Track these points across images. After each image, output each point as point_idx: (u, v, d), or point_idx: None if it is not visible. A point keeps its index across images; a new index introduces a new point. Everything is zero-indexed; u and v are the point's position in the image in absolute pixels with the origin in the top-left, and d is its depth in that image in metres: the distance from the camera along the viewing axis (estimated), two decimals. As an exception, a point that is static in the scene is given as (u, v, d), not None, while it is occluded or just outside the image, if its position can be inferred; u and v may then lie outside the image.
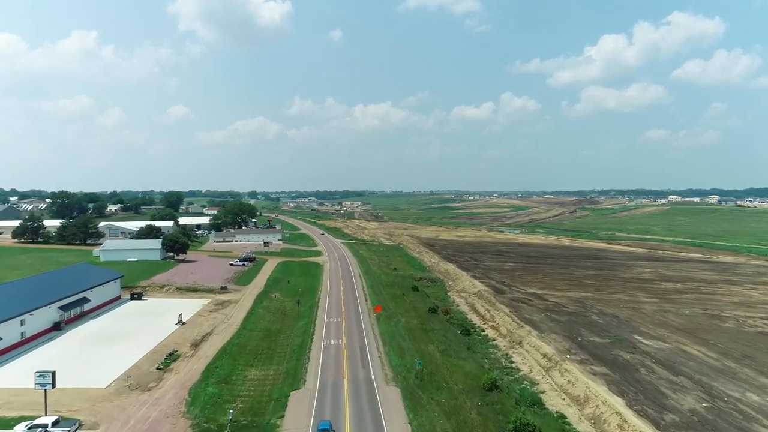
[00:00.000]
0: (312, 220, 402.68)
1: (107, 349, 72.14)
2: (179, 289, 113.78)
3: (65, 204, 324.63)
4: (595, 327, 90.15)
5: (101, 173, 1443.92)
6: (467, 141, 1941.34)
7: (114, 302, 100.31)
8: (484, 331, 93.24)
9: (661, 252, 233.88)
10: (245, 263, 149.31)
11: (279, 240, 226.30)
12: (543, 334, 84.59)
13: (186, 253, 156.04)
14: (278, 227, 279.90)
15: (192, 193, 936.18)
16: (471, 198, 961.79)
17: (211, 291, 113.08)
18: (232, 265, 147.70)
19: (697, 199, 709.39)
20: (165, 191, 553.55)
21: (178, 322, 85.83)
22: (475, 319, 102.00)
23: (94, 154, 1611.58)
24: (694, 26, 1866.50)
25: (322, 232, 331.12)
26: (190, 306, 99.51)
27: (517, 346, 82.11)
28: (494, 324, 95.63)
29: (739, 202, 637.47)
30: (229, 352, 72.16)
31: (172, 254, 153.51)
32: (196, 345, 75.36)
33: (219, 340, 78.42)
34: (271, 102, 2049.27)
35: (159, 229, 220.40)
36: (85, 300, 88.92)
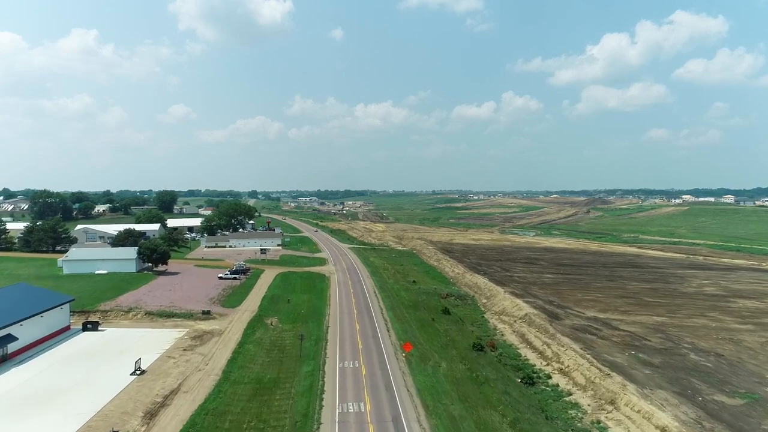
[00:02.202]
0: (314, 221, 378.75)
1: (14, 425, 48.13)
2: (149, 314, 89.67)
3: (48, 204, 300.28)
4: (707, 375, 66.10)
5: (103, 172, 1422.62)
6: (469, 140, 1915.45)
7: (57, 336, 76.33)
8: (550, 377, 69.25)
9: (701, 258, 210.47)
10: (237, 276, 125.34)
11: (278, 245, 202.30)
12: (644, 388, 60.50)
13: (167, 264, 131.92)
14: (278, 230, 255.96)
15: (191, 193, 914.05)
16: (476, 198, 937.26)
17: (189, 316, 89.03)
18: (221, 278, 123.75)
19: (712, 199, 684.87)
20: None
21: (135, 371, 61.85)
22: (531, 356, 78.15)
23: (95, 153, 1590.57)
24: (696, 25, 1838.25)
25: (315, 229, 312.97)
26: (159, 341, 75.51)
27: (609, 408, 58.10)
28: (562, 367, 71.60)
29: (757, 202, 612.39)
30: (199, 430, 48.22)
31: (150, 264, 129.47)
32: (151, 415, 51.32)
33: (188, 402, 54.45)
34: (272, 101, 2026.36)
35: (142, 233, 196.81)
36: (9, 338, 65.00)
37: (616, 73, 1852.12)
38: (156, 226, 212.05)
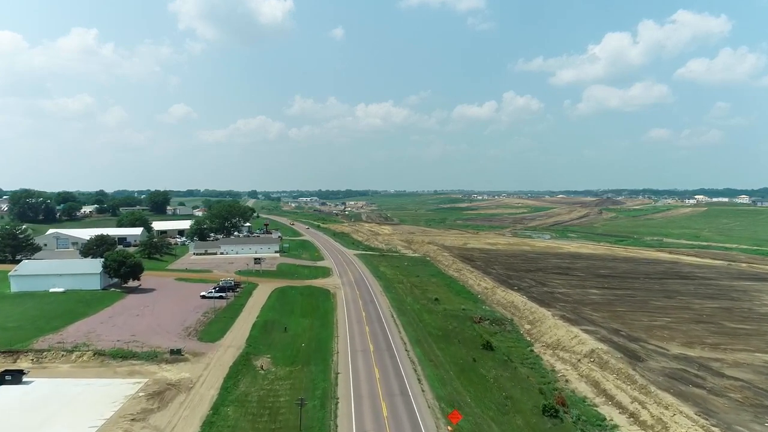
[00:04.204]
0: (316, 222, 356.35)
1: None
2: (100, 354, 67.64)
3: (29, 205, 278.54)
4: None
5: (103, 172, 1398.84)
6: (469, 140, 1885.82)
7: (-42, 396, 54.40)
8: (666, 464, 47.26)
9: (743, 265, 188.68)
10: (224, 294, 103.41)
11: (276, 251, 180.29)
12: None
13: (139, 279, 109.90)
14: (277, 234, 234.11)
15: (190, 193, 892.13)
16: (480, 198, 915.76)
17: (153, 357, 67.03)
18: (204, 297, 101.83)
19: (726, 200, 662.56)
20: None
21: (46, 469, 39.98)
22: (620, 420, 56.30)
23: (95, 153, 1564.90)
24: (699, 24, 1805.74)
25: (307, 226, 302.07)
26: (101, 402, 53.67)
27: None
28: (677, 444, 49.61)
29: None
30: None
31: (119, 280, 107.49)
32: None
33: None
34: (273, 101, 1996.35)
35: (123, 239, 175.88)
36: None
37: (618, 73, 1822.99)
38: (138, 231, 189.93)
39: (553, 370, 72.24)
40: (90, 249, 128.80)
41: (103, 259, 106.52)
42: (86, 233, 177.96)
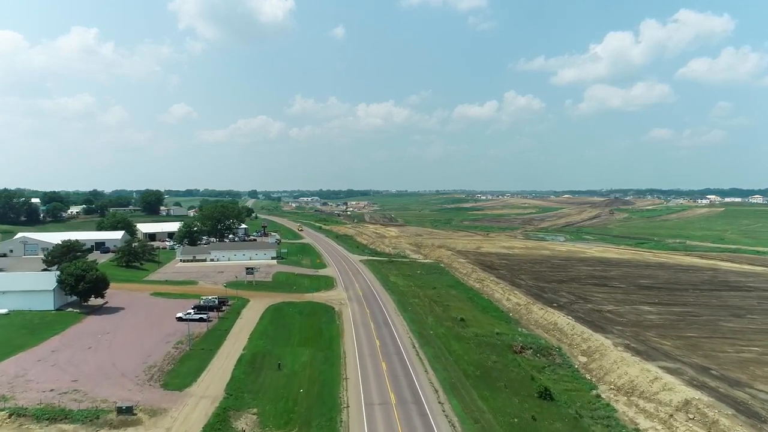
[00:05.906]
0: (317, 224, 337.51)
1: None
2: (20, 414, 48.96)
3: (10, 206, 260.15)
4: None
5: (103, 172, 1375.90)
6: (469, 140, 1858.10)
7: None
8: None
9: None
10: (205, 315, 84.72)
11: (273, 258, 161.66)
12: None
13: (103, 297, 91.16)
14: (274, 237, 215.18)
15: (189, 192, 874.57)
16: (484, 198, 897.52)
17: (93, 419, 48.36)
18: (180, 319, 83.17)
19: (738, 199, 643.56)
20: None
21: None
22: None
23: (95, 153, 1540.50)
24: (701, 23, 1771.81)
25: (300, 227, 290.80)
26: None
27: None
28: None
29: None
30: None
31: (78, 298, 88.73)
32: None
33: None
34: (273, 100, 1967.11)
35: (101, 243, 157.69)
36: None
37: (619, 73, 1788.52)
38: (119, 234, 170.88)
39: (637, 431, 53.52)
40: (53, 258, 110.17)
41: (57, 275, 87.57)
42: (62, 237, 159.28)
